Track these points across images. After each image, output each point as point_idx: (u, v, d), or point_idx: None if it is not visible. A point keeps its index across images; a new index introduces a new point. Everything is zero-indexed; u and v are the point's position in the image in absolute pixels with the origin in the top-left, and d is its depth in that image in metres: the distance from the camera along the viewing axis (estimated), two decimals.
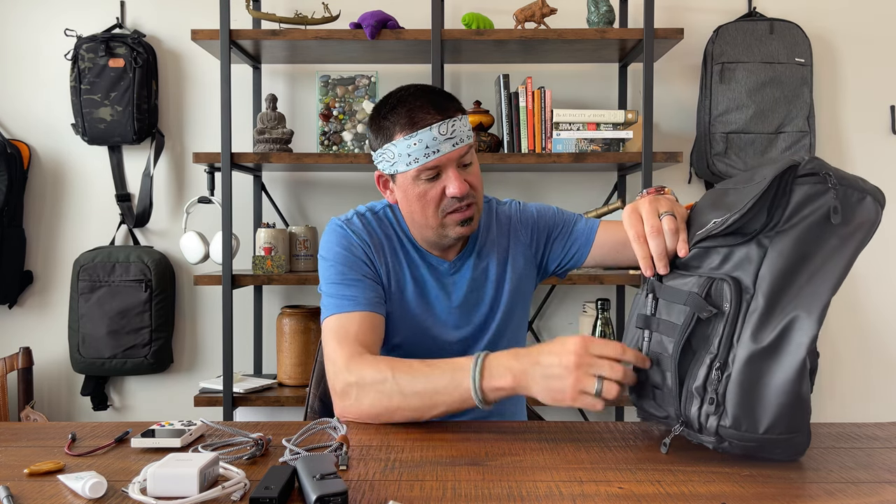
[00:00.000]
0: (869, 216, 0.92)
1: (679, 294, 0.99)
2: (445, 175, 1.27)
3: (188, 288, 2.63)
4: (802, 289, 0.91)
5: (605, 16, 2.33)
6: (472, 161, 1.31)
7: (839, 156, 2.59)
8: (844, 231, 0.92)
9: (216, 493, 0.82)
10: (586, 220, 1.45)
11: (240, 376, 2.46)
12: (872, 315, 2.62)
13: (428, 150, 1.24)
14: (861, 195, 0.93)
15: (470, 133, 1.29)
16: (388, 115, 1.28)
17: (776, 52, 2.44)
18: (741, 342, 0.91)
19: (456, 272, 1.37)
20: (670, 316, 1.00)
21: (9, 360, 2.37)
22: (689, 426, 0.97)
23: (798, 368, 0.88)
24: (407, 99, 1.28)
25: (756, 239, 0.95)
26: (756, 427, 0.90)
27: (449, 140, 1.25)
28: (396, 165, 1.28)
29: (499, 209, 1.45)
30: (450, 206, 1.28)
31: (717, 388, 0.92)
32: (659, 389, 1.00)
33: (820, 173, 0.92)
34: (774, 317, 0.91)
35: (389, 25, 2.27)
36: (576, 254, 1.43)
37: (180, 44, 2.61)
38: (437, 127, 1.24)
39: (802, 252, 0.92)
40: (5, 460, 0.98)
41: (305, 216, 2.64)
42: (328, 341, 1.24)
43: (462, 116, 1.28)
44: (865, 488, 0.87)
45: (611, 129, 2.34)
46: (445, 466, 0.94)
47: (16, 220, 2.54)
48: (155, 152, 2.56)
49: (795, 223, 0.92)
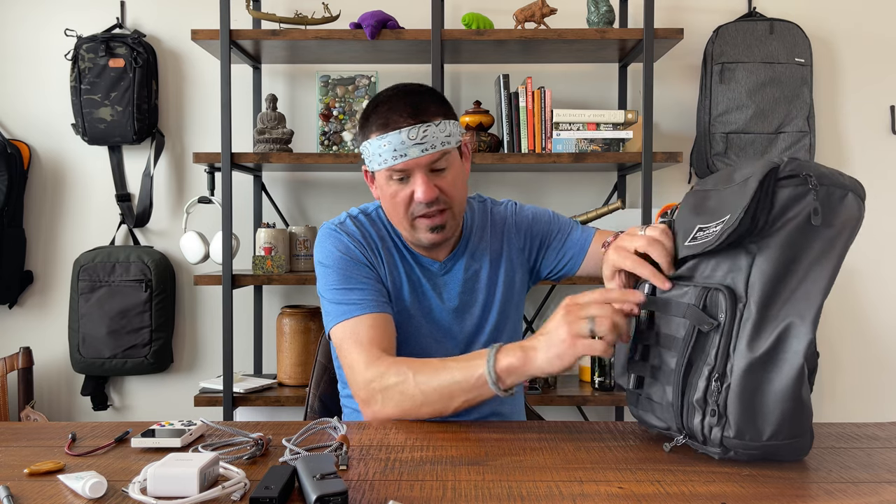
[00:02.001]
0: (852, 213, 0.92)
1: (678, 307, 0.98)
2: (413, 179, 1.27)
3: (188, 288, 2.63)
4: (794, 293, 0.90)
5: (605, 16, 2.33)
6: (448, 167, 1.28)
7: (839, 156, 2.59)
8: (830, 232, 0.91)
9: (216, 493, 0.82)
10: (582, 229, 1.44)
11: (240, 376, 2.46)
12: (872, 315, 2.62)
13: (396, 152, 1.25)
14: (843, 192, 0.92)
15: (448, 139, 1.27)
16: (369, 114, 1.29)
17: (776, 52, 2.44)
18: (737, 352, 0.91)
19: (447, 273, 1.37)
20: (669, 329, 0.99)
21: (9, 360, 2.37)
22: (692, 438, 0.97)
23: (796, 374, 0.88)
24: (389, 99, 1.28)
25: (743, 245, 0.93)
26: (760, 435, 0.90)
27: (418, 145, 1.24)
28: (371, 163, 1.30)
29: (494, 210, 1.45)
30: (418, 210, 1.28)
31: (717, 399, 0.92)
32: (658, 403, 1.00)
33: (800, 174, 0.91)
34: (768, 324, 0.90)
35: (389, 25, 2.27)
36: (569, 262, 1.42)
37: (180, 44, 2.61)
38: (406, 131, 1.24)
39: (790, 256, 0.91)
40: (5, 460, 0.98)
41: (305, 216, 2.64)
42: (345, 349, 1.25)
43: (441, 122, 1.26)
44: (865, 488, 0.87)
45: (611, 129, 2.34)
46: (445, 466, 0.94)
47: (16, 220, 2.54)
48: (155, 152, 2.56)
49: (780, 227, 0.91)
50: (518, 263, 1.42)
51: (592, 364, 2.35)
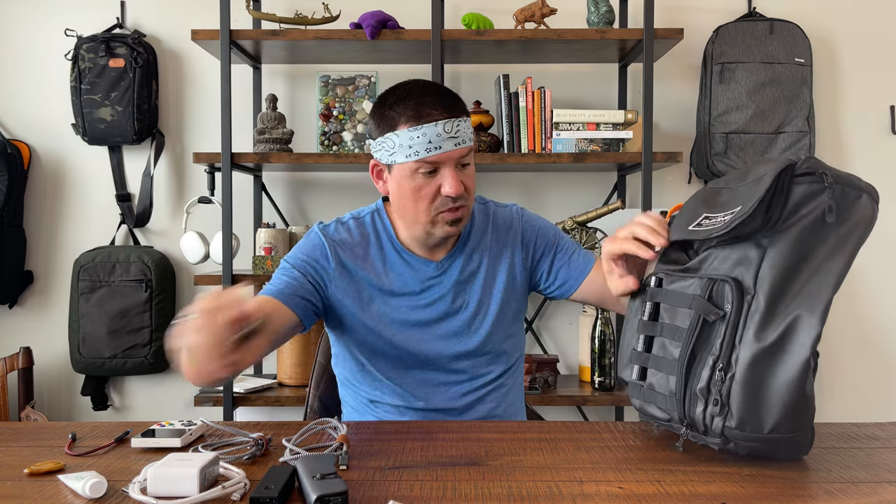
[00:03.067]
0: (866, 213, 0.93)
1: (683, 298, 0.99)
2: (442, 173, 1.27)
3: (188, 288, 2.63)
4: (803, 288, 0.91)
5: (605, 16, 2.34)
6: (470, 163, 1.31)
7: (839, 156, 2.59)
8: (843, 229, 0.92)
9: (216, 493, 0.82)
10: (584, 253, 1.42)
11: (240, 376, 2.46)
12: (872, 315, 2.62)
13: (431, 144, 1.24)
14: (857, 193, 0.93)
15: (472, 136, 1.30)
16: (394, 105, 1.28)
17: (776, 52, 2.44)
18: (744, 343, 0.91)
19: (443, 273, 1.37)
20: (675, 320, 0.99)
21: (9, 360, 2.37)
22: (693, 428, 0.97)
23: (802, 367, 0.88)
24: (416, 92, 1.28)
25: (754, 239, 0.95)
26: (761, 427, 0.90)
27: (452, 139, 1.25)
28: (395, 156, 1.27)
29: (497, 212, 1.44)
30: (443, 205, 1.28)
31: (720, 389, 0.92)
32: (661, 393, 1.00)
33: (816, 172, 0.93)
34: (776, 317, 0.90)
35: (389, 25, 2.27)
36: (564, 283, 1.40)
37: (180, 44, 2.61)
38: (442, 124, 1.24)
39: (802, 251, 0.92)
40: (5, 460, 0.98)
41: (305, 216, 2.64)
42: None
43: (466, 119, 1.29)
44: (865, 488, 0.87)
45: (611, 129, 2.34)
46: (445, 466, 0.94)
47: (16, 220, 2.54)
48: (155, 152, 2.56)
49: (794, 223, 0.93)
50: (521, 268, 1.41)
51: (592, 364, 2.35)
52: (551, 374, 2.34)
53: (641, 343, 1.04)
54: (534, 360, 2.34)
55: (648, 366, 1.03)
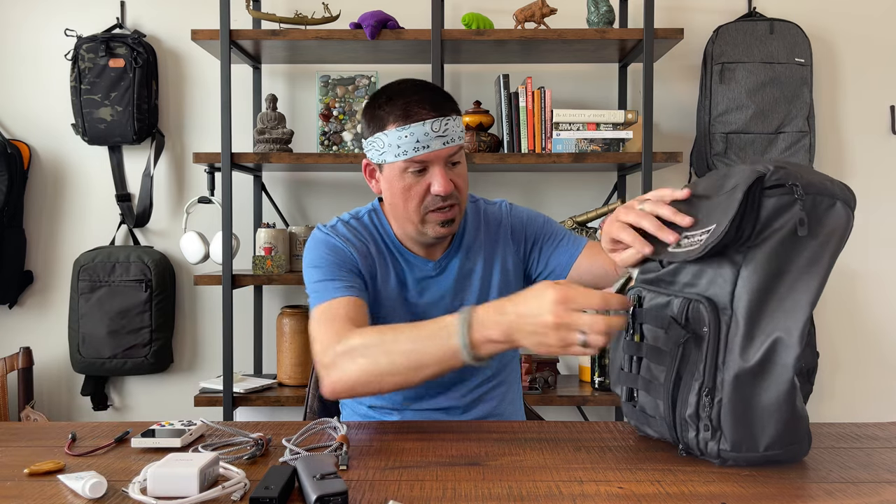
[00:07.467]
0: (839, 222, 0.90)
1: (661, 319, 0.96)
2: (431, 172, 1.27)
3: (188, 288, 2.63)
4: (782, 303, 0.89)
5: (605, 16, 2.33)
6: (461, 162, 1.31)
7: (839, 156, 2.59)
8: (816, 242, 0.89)
9: (216, 493, 0.82)
10: (574, 237, 1.42)
11: (240, 376, 2.46)
12: (872, 315, 2.62)
13: (418, 144, 1.25)
14: (830, 201, 0.90)
15: (462, 135, 1.30)
16: (383, 105, 1.28)
17: (776, 52, 2.44)
18: (727, 365, 0.90)
19: (441, 272, 1.37)
20: (657, 342, 0.97)
21: (9, 360, 2.37)
22: (689, 452, 0.97)
23: (788, 387, 0.88)
24: (404, 91, 1.28)
25: (727, 255, 0.91)
26: (756, 446, 0.90)
27: (440, 138, 1.25)
28: (385, 155, 1.28)
29: (487, 209, 1.45)
30: (432, 204, 1.28)
31: (710, 413, 0.91)
32: (653, 417, 0.99)
33: (786, 184, 0.89)
34: (757, 337, 0.89)
35: (389, 25, 2.27)
36: (555, 268, 1.40)
37: (180, 44, 2.61)
38: (429, 123, 1.25)
39: (777, 267, 0.89)
40: (5, 460, 0.98)
41: (305, 216, 2.64)
42: (315, 326, 1.22)
43: (456, 117, 1.29)
44: (865, 488, 0.87)
45: (611, 129, 2.34)
46: (445, 466, 0.94)
47: (16, 220, 2.54)
48: (155, 152, 2.56)
49: (767, 237, 0.89)
50: (514, 263, 1.42)
51: (592, 364, 2.35)
52: (551, 374, 2.34)
53: (627, 363, 1.02)
54: (533, 360, 2.33)
55: (637, 387, 1.01)
